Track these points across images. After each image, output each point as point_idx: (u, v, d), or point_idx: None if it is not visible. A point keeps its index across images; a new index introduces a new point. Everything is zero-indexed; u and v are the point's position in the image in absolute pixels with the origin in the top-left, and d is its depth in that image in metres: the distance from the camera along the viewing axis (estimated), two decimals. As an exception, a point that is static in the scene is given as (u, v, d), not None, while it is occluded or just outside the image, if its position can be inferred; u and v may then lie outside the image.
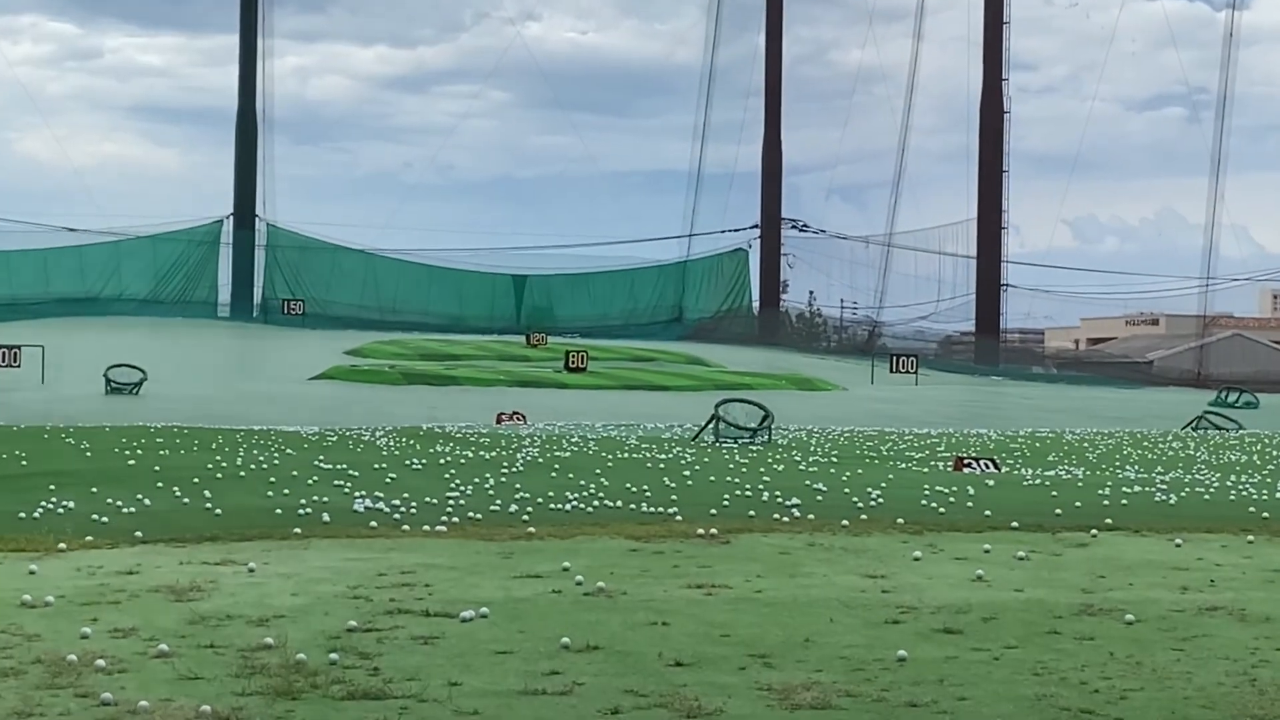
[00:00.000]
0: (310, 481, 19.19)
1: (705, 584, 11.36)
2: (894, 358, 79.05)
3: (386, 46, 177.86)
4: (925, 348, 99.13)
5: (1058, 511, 16.94)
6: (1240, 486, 21.56)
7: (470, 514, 15.74)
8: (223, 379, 54.68)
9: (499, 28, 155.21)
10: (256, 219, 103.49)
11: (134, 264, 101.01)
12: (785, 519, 15.66)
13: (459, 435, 30.51)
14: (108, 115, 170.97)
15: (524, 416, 38.39)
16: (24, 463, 21.55)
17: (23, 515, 15.21)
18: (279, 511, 15.78)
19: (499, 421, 37.30)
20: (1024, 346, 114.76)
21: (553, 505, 16.87)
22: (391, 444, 27.35)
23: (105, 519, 15.01)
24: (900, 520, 15.67)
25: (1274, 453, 30.92)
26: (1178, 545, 14.20)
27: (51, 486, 17.66)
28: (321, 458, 23.11)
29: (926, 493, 18.81)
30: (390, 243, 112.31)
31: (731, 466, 23.21)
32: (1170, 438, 38.06)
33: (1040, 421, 45.14)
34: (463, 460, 23.64)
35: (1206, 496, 19.77)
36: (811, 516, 15.87)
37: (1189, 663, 8.63)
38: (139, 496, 16.96)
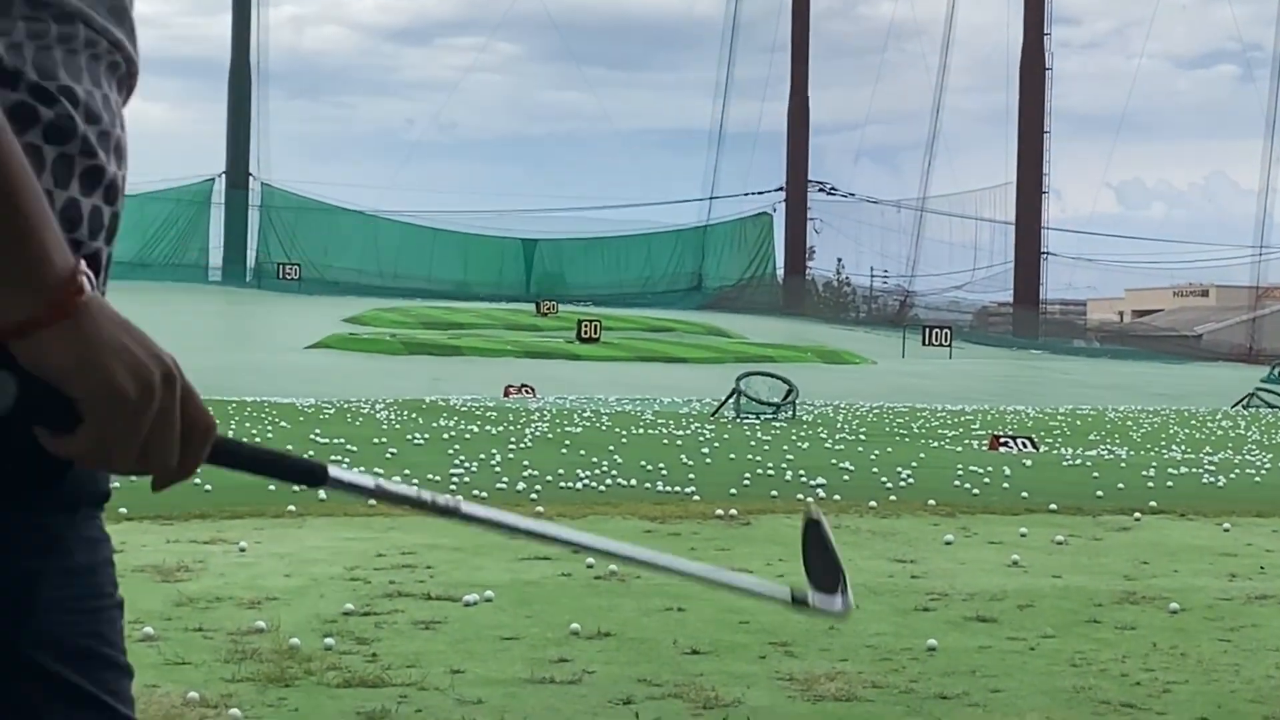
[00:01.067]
0: (306, 456, 19.18)
1: (724, 567, 11.36)
2: (927, 330, 79.09)
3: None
4: (960, 319, 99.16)
5: (1099, 493, 16.94)
6: (1294, 468, 21.54)
7: (476, 492, 15.75)
8: (214, 347, 54.74)
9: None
10: (250, 178, 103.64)
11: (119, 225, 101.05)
12: (810, 500, 15.66)
13: (464, 408, 30.57)
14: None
15: (533, 389, 38.43)
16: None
17: None
18: (272, 487, 15.76)
19: (507, 394, 37.35)
20: (1065, 318, 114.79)
21: (563, 483, 16.89)
22: (392, 417, 27.41)
23: (88, 494, 15.02)
24: (932, 502, 15.68)
25: (1330, 433, 30.86)
26: (1226, 530, 14.19)
27: (32, 460, 17.69)
28: (318, 431, 23.17)
29: (960, 473, 18.82)
30: (392, 204, 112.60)
31: (753, 444, 23.24)
32: (1219, 416, 38.04)
33: (1081, 398, 45.11)
34: (468, 435, 23.68)
35: (1257, 479, 19.76)
36: (837, 497, 15.88)
37: (1237, 654, 8.63)
38: (124, 471, 16.97)
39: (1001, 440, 24.60)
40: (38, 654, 1.55)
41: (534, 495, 15.54)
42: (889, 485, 17.28)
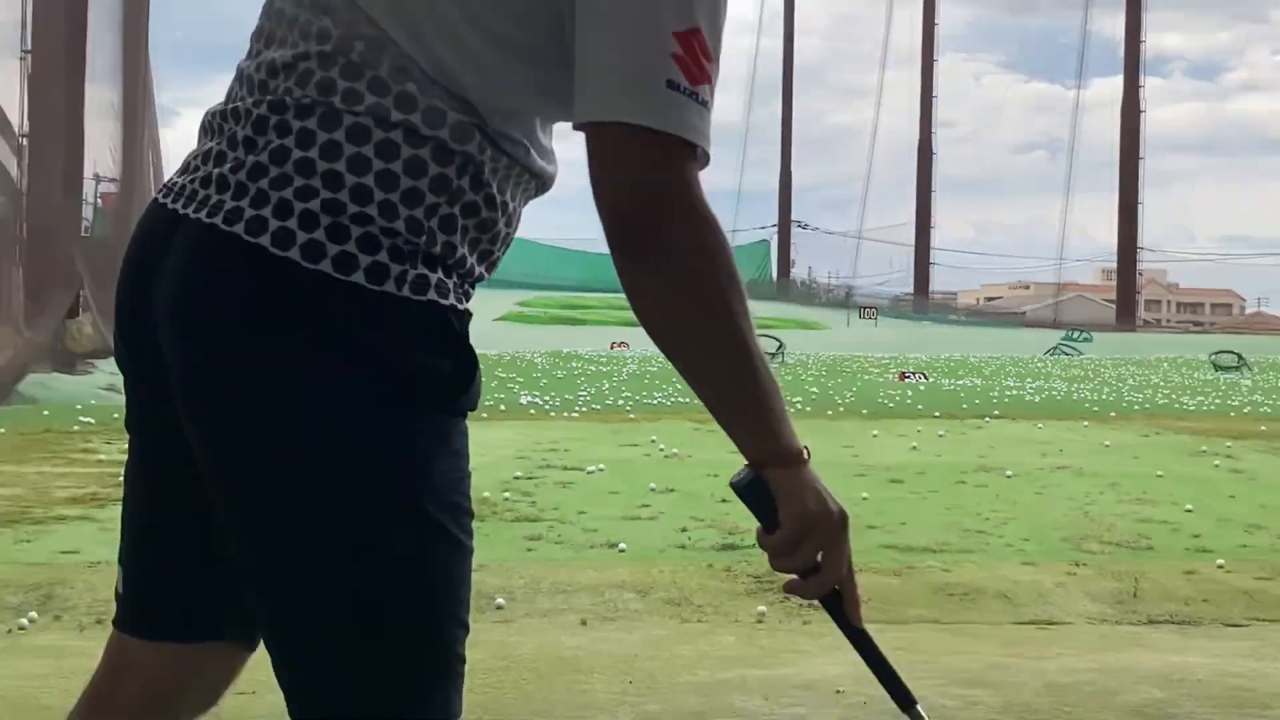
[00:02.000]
0: (492, 384, 19.28)
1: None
2: (862, 309, 78.58)
3: None
4: (882, 303, 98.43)
5: (964, 406, 16.80)
6: (1079, 392, 21.29)
7: (593, 406, 15.77)
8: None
9: None
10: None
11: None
12: (790, 412, 15.54)
13: (587, 356, 30.59)
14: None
15: (628, 344, 38.38)
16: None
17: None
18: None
19: (612, 348, 37.31)
20: (945, 302, 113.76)
21: (645, 400, 16.88)
22: (544, 361, 27.45)
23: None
24: (864, 411, 15.58)
25: (1102, 370, 30.52)
26: (1039, 428, 14.03)
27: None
28: (500, 370, 23.22)
29: (881, 395, 18.70)
30: (537, 233, 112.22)
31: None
32: (1036, 360, 37.63)
33: (955, 350, 44.69)
34: (590, 370, 23.69)
35: (1058, 397, 19.55)
36: (808, 409, 15.80)
37: (1045, 502, 8.54)
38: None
39: (905, 375, 24.41)
40: (431, 506, 1.52)
41: (628, 408, 15.52)
42: (839, 402, 17.18)
